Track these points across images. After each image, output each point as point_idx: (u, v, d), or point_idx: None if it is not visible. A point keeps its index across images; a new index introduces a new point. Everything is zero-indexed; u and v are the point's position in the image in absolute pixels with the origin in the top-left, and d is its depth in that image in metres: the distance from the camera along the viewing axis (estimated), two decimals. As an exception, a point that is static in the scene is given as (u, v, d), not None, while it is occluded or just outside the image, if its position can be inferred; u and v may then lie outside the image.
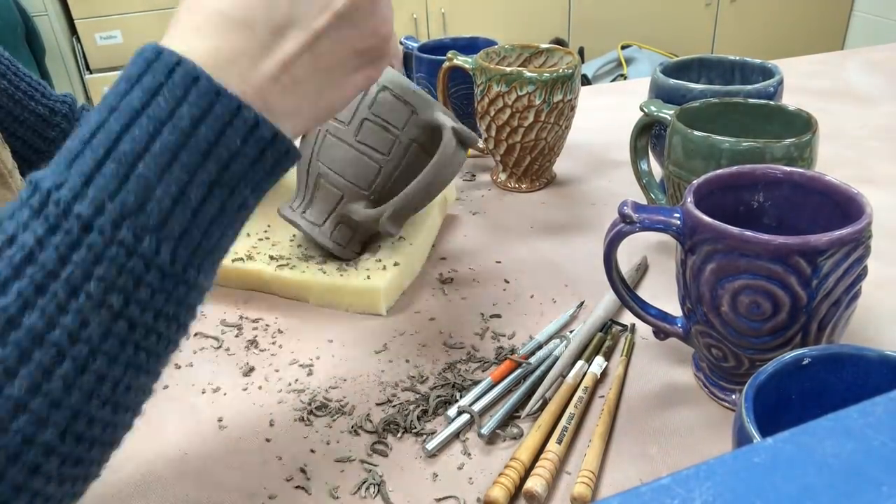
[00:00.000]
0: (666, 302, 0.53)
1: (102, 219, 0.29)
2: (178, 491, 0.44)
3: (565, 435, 0.45)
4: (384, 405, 0.50)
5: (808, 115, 0.57)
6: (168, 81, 0.31)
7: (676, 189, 0.60)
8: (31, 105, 0.63)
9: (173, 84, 0.31)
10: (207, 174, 0.32)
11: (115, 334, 0.30)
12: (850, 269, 0.41)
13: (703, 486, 0.18)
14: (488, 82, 0.73)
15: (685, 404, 0.49)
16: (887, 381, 0.35)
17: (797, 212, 0.48)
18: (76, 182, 0.29)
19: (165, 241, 0.31)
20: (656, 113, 0.63)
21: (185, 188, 0.31)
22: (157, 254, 0.30)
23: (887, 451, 0.19)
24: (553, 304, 0.60)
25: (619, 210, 0.46)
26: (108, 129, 0.30)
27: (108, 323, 0.29)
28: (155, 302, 0.31)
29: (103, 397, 0.30)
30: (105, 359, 0.30)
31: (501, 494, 0.41)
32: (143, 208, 0.30)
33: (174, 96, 0.31)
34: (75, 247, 0.29)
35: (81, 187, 0.29)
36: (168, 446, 0.48)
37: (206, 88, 0.31)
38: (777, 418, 0.36)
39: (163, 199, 0.30)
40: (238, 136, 0.32)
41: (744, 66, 0.73)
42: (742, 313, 0.43)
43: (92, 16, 2.47)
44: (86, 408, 0.29)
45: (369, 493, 0.43)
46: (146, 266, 0.30)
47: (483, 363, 0.53)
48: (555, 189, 0.81)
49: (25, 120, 0.62)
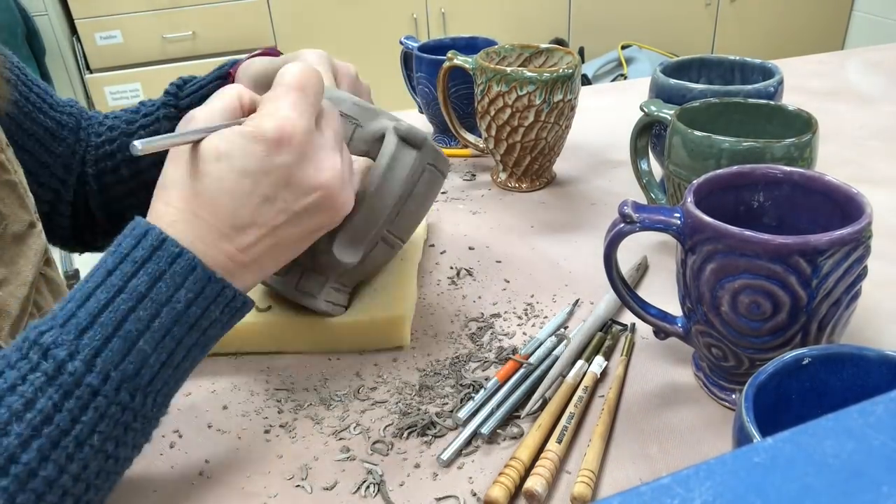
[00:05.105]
0: (666, 302, 0.53)
1: (107, 387, 0.36)
2: (178, 490, 0.44)
3: (565, 434, 0.45)
4: (384, 405, 0.50)
5: (808, 115, 0.57)
6: (170, 269, 0.39)
7: (676, 189, 0.60)
8: (41, 118, 0.62)
9: (175, 273, 0.39)
10: (191, 340, 0.40)
11: (104, 470, 0.38)
12: (850, 269, 0.41)
13: (703, 485, 0.18)
14: (488, 82, 0.73)
15: (685, 404, 0.49)
16: (887, 381, 0.35)
17: (797, 212, 0.48)
18: (87, 355, 0.36)
19: (150, 395, 0.39)
20: (656, 113, 0.63)
21: (172, 353, 0.39)
22: (143, 406, 0.38)
23: (887, 451, 0.19)
24: (553, 303, 0.60)
25: (619, 210, 0.46)
26: (116, 309, 0.37)
27: (101, 464, 0.37)
28: (136, 438, 0.39)
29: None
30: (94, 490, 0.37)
31: (501, 494, 0.41)
32: (138, 373, 0.38)
33: (175, 283, 0.39)
34: (85, 409, 0.36)
35: (92, 358, 0.36)
36: (168, 446, 0.48)
37: (200, 276, 0.39)
38: (777, 418, 0.36)
39: (154, 364, 0.38)
40: (218, 309, 0.41)
41: (744, 66, 0.73)
42: (742, 313, 0.43)
43: (92, 16, 2.47)
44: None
45: (369, 493, 0.43)
46: (134, 416, 0.38)
47: (483, 363, 0.53)
48: (555, 189, 0.81)
49: (34, 133, 0.61)
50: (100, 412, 0.36)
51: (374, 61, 2.71)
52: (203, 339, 0.41)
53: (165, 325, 0.38)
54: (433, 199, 0.57)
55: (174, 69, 2.57)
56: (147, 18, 2.52)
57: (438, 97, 0.81)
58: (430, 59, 0.85)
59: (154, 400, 0.39)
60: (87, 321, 0.37)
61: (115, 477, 0.39)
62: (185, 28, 2.56)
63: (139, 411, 0.38)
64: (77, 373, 0.36)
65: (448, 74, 0.79)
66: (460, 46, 0.90)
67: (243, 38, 2.63)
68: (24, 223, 0.52)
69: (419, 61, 0.86)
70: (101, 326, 0.37)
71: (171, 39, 2.56)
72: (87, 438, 0.36)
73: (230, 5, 2.57)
